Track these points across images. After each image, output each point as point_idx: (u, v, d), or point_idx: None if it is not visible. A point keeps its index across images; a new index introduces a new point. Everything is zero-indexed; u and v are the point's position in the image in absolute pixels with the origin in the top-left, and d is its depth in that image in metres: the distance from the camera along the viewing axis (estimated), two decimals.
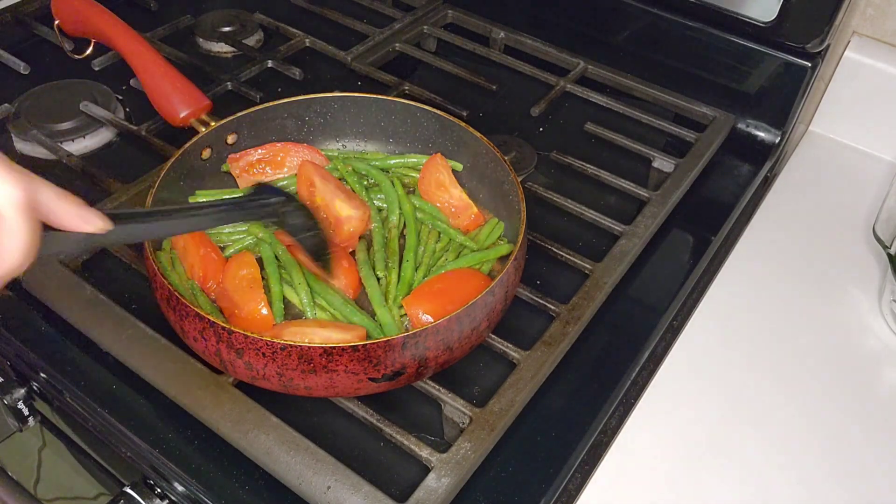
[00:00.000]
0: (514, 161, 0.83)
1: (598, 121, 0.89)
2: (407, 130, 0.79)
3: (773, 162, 0.90)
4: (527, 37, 1.00)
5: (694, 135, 0.87)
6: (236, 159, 0.75)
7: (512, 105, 0.94)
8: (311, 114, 0.78)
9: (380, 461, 0.59)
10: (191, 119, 0.76)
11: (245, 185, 0.75)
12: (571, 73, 0.95)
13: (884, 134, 0.92)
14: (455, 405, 0.60)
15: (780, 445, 0.63)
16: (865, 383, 0.69)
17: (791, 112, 0.89)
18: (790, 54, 0.86)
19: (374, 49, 0.98)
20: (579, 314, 0.66)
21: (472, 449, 0.57)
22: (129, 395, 0.63)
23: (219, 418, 0.57)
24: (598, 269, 0.71)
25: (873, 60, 0.89)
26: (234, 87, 0.91)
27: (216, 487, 0.58)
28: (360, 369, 0.56)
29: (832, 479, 0.61)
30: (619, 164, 0.84)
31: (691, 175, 0.82)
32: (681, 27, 0.91)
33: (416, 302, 0.64)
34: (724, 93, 0.92)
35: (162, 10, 1.06)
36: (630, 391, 0.66)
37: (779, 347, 0.71)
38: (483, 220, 0.73)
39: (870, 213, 0.84)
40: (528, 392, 0.61)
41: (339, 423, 0.61)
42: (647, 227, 0.76)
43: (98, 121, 0.85)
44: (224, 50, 1.00)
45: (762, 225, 0.83)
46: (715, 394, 0.67)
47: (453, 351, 0.59)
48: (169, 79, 0.78)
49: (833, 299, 0.76)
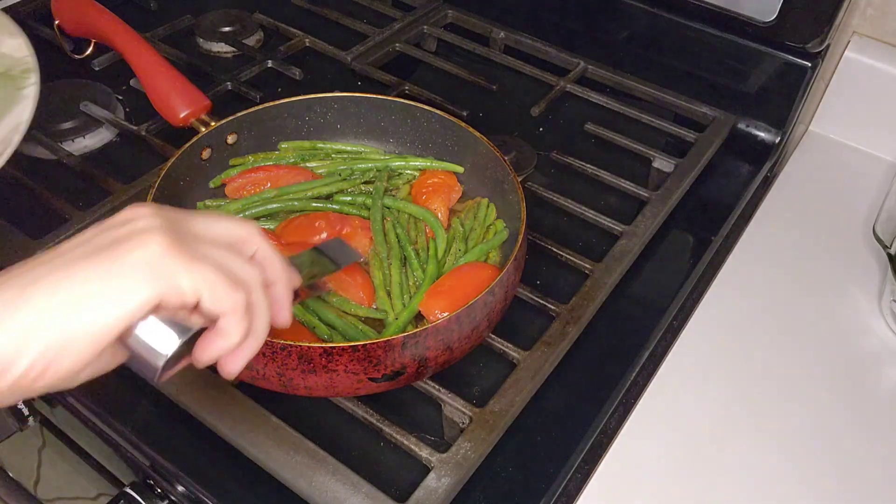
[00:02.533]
0: (514, 161, 0.83)
1: (598, 121, 0.89)
2: (407, 130, 0.79)
3: (773, 162, 0.90)
4: (527, 37, 1.00)
5: (694, 135, 0.87)
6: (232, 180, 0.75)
7: (512, 105, 0.94)
8: (311, 114, 0.78)
9: (380, 461, 0.59)
10: (191, 119, 0.76)
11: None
12: (571, 73, 0.95)
13: (884, 134, 0.92)
14: (455, 405, 0.60)
15: (780, 445, 0.63)
16: (865, 383, 0.69)
17: (791, 112, 0.89)
18: (790, 54, 0.86)
19: (374, 49, 0.98)
20: (579, 314, 0.66)
21: (472, 449, 0.57)
22: (129, 394, 0.63)
23: (219, 418, 0.58)
24: (598, 269, 0.71)
25: (873, 60, 0.89)
26: (234, 87, 0.91)
27: (216, 487, 0.58)
28: (360, 369, 0.56)
29: (832, 479, 0.61)
30: (619, 164, 0.84)
31: (691, 175, 0.82)
32: (681, 27, 0.91)
33: (431, 301, 0.64)
34: (724, 93, 0.92)
35: (162, 10, 1.06)
36: (630, 391, 0.66)
37: (779, 347, 0.71)
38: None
39: (870, 213, 0.84)
40: (528, 392, 0.61)
41: (339, 423, 0.61)
42: (647, 227, 0.76)
43: (98, 121, 0.85)
44: (224, 50, 1.00)
45: (762, 225, 0.83)
46: (715, 394, 0.67)
47: (453, 351, 0.59)
48: (169, 79, 0.78)
49: (833, 299, 0.76)
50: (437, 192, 0.74)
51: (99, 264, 0.35)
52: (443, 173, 0.76)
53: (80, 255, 0.36)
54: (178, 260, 0.36)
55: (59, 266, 0.35)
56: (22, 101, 0.67)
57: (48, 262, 0.36)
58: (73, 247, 0.37)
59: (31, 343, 0.34)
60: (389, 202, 0.74)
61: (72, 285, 0.34)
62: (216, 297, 0.37)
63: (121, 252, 0.36)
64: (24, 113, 0.65)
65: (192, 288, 0.36)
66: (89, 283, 0.35)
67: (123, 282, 0.35)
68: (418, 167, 0.77)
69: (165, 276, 0.36)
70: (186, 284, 0.36)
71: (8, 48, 0.72)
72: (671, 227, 0.80)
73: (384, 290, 0.67)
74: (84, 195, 0.76)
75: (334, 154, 0.79)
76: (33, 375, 0.34)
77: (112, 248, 0.36)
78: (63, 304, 0.34)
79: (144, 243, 0.36)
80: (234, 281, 0.38)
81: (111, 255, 0.35)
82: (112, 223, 0.38)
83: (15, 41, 0.73)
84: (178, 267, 0.36)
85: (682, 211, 0.81)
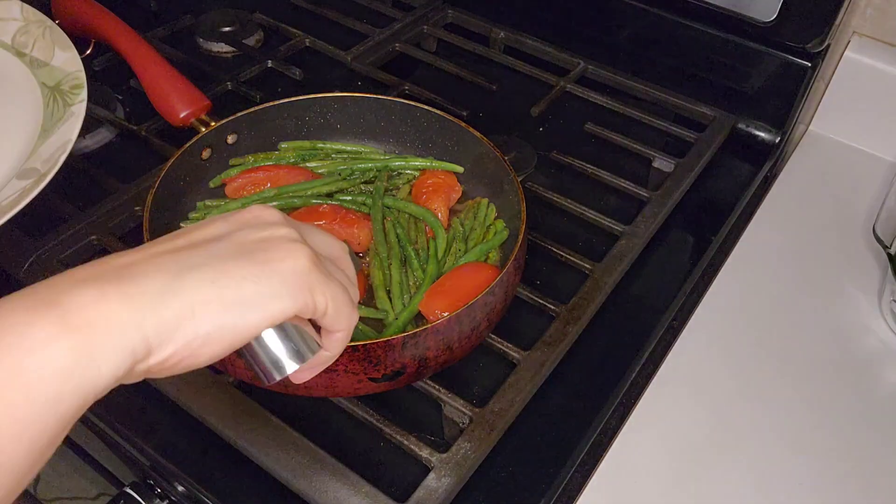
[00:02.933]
0: (514, 161, 0.83)
1: (598, 121, 0.89)
2: (407, 130, 0.79)
3: (773, 162, 0.90)
4: (527, 37, 1.00)
5: (694, 135, 0.87)
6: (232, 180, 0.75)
7: (512, 105, 0.94)
8: (311, 114, 0.78)
9: (380, 461, 0.59)
10: (191, 119, 0.76)
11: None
12: (571, 73, 0.95)
13: (884, 134, 0.92)
14: (455, 405, 0.60)
15: (780, 445, 0.63)
16: (865, 383, 0.69)
17: (791, 112, 0.89)
18: (790, 54, 0.86)
19: (374, 49, 0.98)
20: (579, 314, 0.66)
21: (472, 449, 0.57)
22: (129, 395, 0.63)
23: (219, 418, 0.57)
24: (598, 269, 0.71)
25: (873, 60, 0.89)
26: (234, 87, 0.91)
27: (216, 487, 0.58)
28: (360, 369, 0.56)
29: (832, 479, 0.61)
30: (619, 164, 0.84)
31: (691, 175, 0.82)
32: (681, 27, 0.91)
33: (431, 301, 0.64)
34: (724, 93, 0.92)
35: (162, 10, 1.06)
36: (630, 391, 0.66)
37: (778, 347, 0.71)
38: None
39: (870, 213, 0.84)
40: (528, 392, 0.61)
41: (339, 423, 0.61)
42: (647, 227, 0.76)
43: (98, 121, 0.85)
44: (224, 50, 1.00)
45: (762, 225, 0.83)
46: (715, 394, 0.67)
47: (453, 351, 0.59)
48: (169, 79, 0.78)
49: (833, 299, 0.76)
50: (437, 192, 0.74)
51: (253, 266, 0.36)
52: (443, 173, 0.76)
53: (229, 254, 0.37)
54: (319, 276, 0.38)
55: (208, 259, 0.36)
56: (70, 119, 0.66)
57: (193, 253, 0.36)
58: (208, 239, 0.38)
59: (184, 329, 0.34)
60: (390, 202, 0.74)
61: (229, 281, 0.35)
62: (340, 315, 0.40)
63: (273, 259, 0.37)
64: (72, 131, 0.65)
65: (324, 304, 0.39)
66: (245, 282, 0.35)
67: (275, 288, 0.36)
68: (418, 167, 0.77)
69: (308, 290, 0.38)
70: (321, 300, 0.38)
71: (60, 61, 0.72)
72: (671, 227, 0.80)
73: (384, 290, 0.67)
74: (84, 195, 0.76)
75: (334, 154, 0.79)
76: (173, 362, 0.34)
77: (262, 253, 0.37)
78: (220, 297, 0.35)
79: (294, 255, 0.38)
80: (354, 302, 0.41)
81: (264, 260, 0.37)
82: (245, 221, 0.39)
83: (67, 54, 0.72)
84: (318, 283, 0.38)
85: (682, 211, 0.81)
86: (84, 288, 0.32)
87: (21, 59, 0.74)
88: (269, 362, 0.39)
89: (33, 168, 0.63)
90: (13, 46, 0.75)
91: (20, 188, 0.60)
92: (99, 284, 0.33)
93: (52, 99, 0.69)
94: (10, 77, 0.73)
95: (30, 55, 0.74)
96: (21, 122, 0.69)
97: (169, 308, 0.33)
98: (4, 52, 0.75)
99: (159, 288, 0.33)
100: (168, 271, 0.34)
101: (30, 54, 0.74)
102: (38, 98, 0.70)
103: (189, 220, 0.71)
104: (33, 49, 0.74)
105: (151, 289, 0.33)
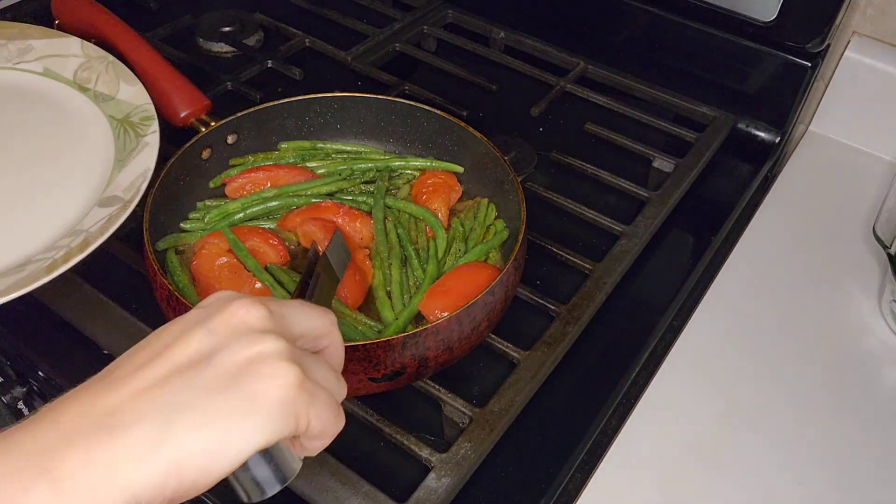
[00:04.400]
0: (514, 161, 0.83)
1: (598, 121, 0.89)
2: (407, 130, 0.79)
3: (773, 162, 0.90)
4: (527, 37, 1.00)
5: (694, 135, 0.87)
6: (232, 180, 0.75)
7: (512, 105, 0.94)
8: (311, 114, 0.78)
9: (380, 461, 0.60)
10: (191, 119, 0.76)
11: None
12: (571, 73, 0.95)
13: (884, 134, 0.92)
14: (455, 405, 0.60)
15: (780, 445, 0.63)
16: (865, 383, 0.69)
17: (791, 112, 0.89)
18: (790, 54, 0.86)
19: (374, 49, 0.98)
20: (579, 314, 0.66)
21: (472, 449, 0.57)
22: None
23: None
24: (598, 269, 0.71)
25: (873, 60, 0.89)
26: (234, 87, 0.91)
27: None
28: (360, 369, 0.56)
29: (832, 479, 0.61)
30: (619, 164, 0.84)
31: (691, 175, 0.82)
32: (681, 27, 0.91)
33: (431, 301, 0.64)
34: (724, 93, 0.92)
35: (162, 10, 1.06)
36: (630, 391, 0.66)
37: (779, 347, 0.71)
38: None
39: (870, 213, 0.84)
40: (528, 392, 0.61)
41: None
42: (647, 227, 0.76)
43: None
44: (224, 50, 1.00)
45: (762, 225, 0.83)
46: (715, 394, 0.67)
47: (453, 351, 0.59)
48: (169, 79, 0.78)
49: (833, 299, 0.76)
50: (438, 192, 0.74)
51: (240, 399, 0.36)
52: (443, 173, 0.76)
53: (215, 386, 0.36)
54: (305, 399, 0.38)
55: (193, 398, 0.35)
56: (145, 149, 0.70)
57: (178, 387, 0.36)
58: (193, 361, 0.37)
59: (170, 483, 0.34)
60: (390, 202, 0.74)
61: (216, 425, 0.35)
62: (324, 432, 0.40)
63: (260, 391, 0.36)
64: (150, 160, 0.69)
65: (307, 424, 0.38)
66: (231, 418, 0.35)
67: (259, 420, 0.36)
68: (418, 167, 0.77)
69: (293, 415, 0.37)
70: (303, 422, 0.38)
71: (126, 95, 0.75)
72: (671, 227, 0.80)
73: (384, 290, 0.67)
74: None
75: (334, 154, 0.79)
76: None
77: (249, 382, 0.36)
78: (205, 445, 0.35)
79: (281, 379, 0.37)
80: (339, 410, 0.41)
81: (252, 393, 0.36)
82: (231, 329, 0.38)
83: (133, 88, 0.76)
84: (304, 406, 0.38)
85: (682, 211, 0.81)
86: (71, 451, 0.33)
87: (84, 93, 0.77)
88: (250, 485, 0.38)
89: (115, 196, 0.66)
90: (75, 82, 0.78)
91: (105, 216, 0.64)
92: (85, 443, 0.33)
93: (123, 131, 0.73)
94: (77, 111, 0.77)
95: (93, 90, 0.77)
96: (93, 153, 0.72)
97: (156, 466, 0.34)
98: (67, 87, 0.78)
99: (146, 444, 0.34)
100: (154, 420, 0.34)
101: (93, 89, 0.77)
102: (108, 130, 0.74)
103: (189, 220, 0.71)
104: (97, 84, 0.78)
105: (138, 445, 0.34)
